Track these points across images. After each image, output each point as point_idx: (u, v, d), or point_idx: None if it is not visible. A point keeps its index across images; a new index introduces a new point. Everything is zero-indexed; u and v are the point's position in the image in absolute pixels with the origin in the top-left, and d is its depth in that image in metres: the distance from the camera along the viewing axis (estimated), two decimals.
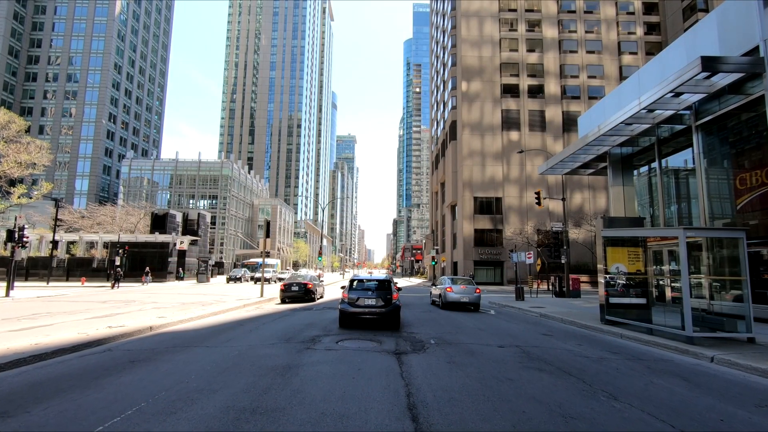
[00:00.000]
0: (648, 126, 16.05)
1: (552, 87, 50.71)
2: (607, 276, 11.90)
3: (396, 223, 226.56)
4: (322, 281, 24.29)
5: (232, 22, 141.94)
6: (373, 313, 10.79)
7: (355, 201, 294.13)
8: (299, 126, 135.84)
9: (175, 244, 44.96)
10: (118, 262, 37.77)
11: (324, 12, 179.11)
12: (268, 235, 21.90)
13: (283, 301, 19.79)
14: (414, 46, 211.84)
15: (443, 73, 62.17)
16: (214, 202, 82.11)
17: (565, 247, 24.18)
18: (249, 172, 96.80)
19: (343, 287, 12.34)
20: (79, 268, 43.12)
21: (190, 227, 52.54)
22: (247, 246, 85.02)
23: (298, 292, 19.67)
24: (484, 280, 47.32)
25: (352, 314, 10.81)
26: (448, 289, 17.40)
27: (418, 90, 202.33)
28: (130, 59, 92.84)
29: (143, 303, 17.40)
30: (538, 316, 15.37)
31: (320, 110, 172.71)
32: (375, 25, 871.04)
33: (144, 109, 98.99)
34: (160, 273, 43.16)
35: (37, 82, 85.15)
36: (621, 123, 15.51)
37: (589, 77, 50.99)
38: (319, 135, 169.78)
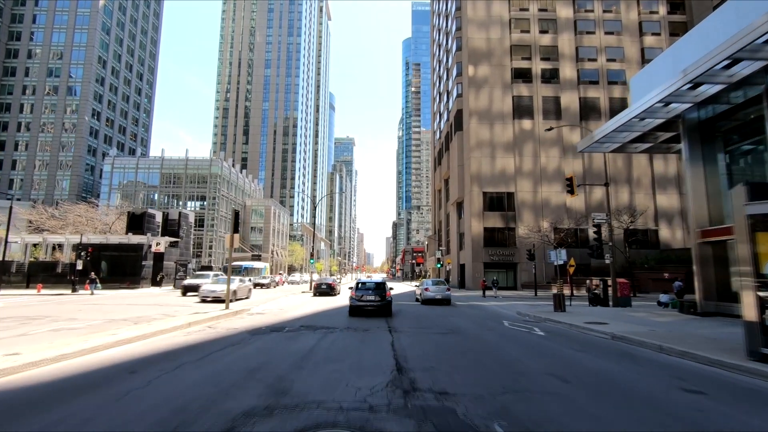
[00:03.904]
0: (760, 66, 11.34)
1: (567, 71, 46.14)
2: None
3: (395, 225, 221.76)
4: (340, 282, 31.76)
5: (226, 19, 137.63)
6: (373, 305, 15.22)
7: (354, 204, 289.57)
8: (295, 126, 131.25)
9: (150, 246, 40.18)
10: (80, 266, 33.01)
11: (321, 11, 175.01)
12: (236, 230, 17.15)
13: (315, 295, 27.55)
14: (413, 45, 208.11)
15: (447, 61, 57.64)
16: (203, 203, 77.28)
17: (609, 244, 19.42)
18: (241, 172, 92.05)
19: (350, 288, 16.93)
20: (41, 273, 38.32)
21: (171, 228, 47.71)
22: (239, 249, 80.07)
23: (326, 289, 27.65)
24: None
25: (359, 306, 15.21)
26: (426, 289, 22.31)
27: (416, 89, 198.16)
28: (116, 53, 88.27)
29: (55, 320, 12.64)
30: (608, 338, 10.60)
31: (317, 110, 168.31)
32: (373, 26, 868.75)
33: (131, 106, 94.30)
34: (132, 278, 38.51)
35: (17, 76, 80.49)
36: (725, 59, 10.81)
37: (608, 60, 46.45)
38: (316, 136, 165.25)
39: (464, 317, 15.53)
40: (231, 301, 17.29)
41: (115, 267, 39.11)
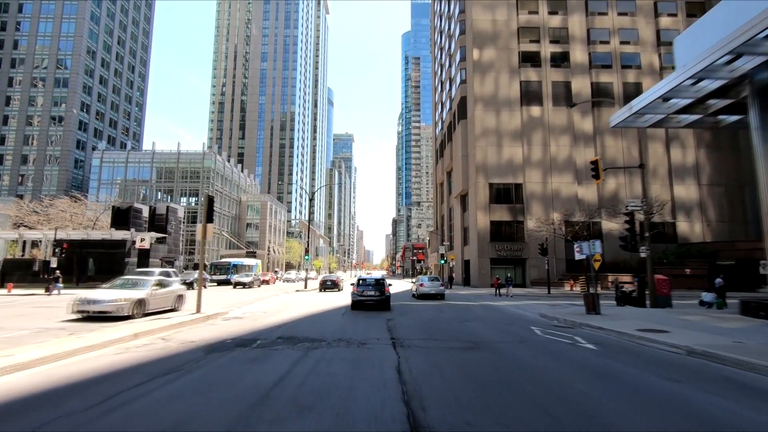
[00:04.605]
0: None
1: (578, 55, 43.36)
2: None
3: (395, 222, 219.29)
4: (342, 279, 34.89)
5: (221, 11, 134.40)
6: (373, 300, 16.32)
7: (354, 201, 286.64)
8: (293, 120, 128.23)
9: (133, 242, 37.55)
10: (54, 264, 30.38)
11: (318, 3, 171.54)
12: (210, 220, 14.50)
13: (321, 291, 30.16)
14: (413, 38, 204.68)
15: (449, 47, 54.85)
16: (197, 199, 74.38)
17: (646, 234, 16.77)
18: (236, 166, 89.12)
19: (352, 284, 18.09)
20: (17, 272, 35.69)
21: (158, 223, 45.02)
22: (234, 246, 77.43)
23: (331, 285, 30.54)
24: (502, 282, 39.83)
25: (360, 301, 16.33)
26: (421, 285, 23.33)
27: (416, 84, 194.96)
28: (106, 44, 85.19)
29: None
30: (683, 354, 7.98)
31: (315, 105, 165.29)
32: (372, 21, 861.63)
33: (123, 99, 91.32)
34: (98, 276, 35.94)
35: (2, 68, 77.47)
36: None
37: (622, 43, 43.65)
38: (314, 131, 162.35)
39: (482, 322, 12.91)
40: (131, 316, 12.26)
41: (96, 265, 36.63)
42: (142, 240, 38.33)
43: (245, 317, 13.83)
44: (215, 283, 37.87)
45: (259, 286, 37.13)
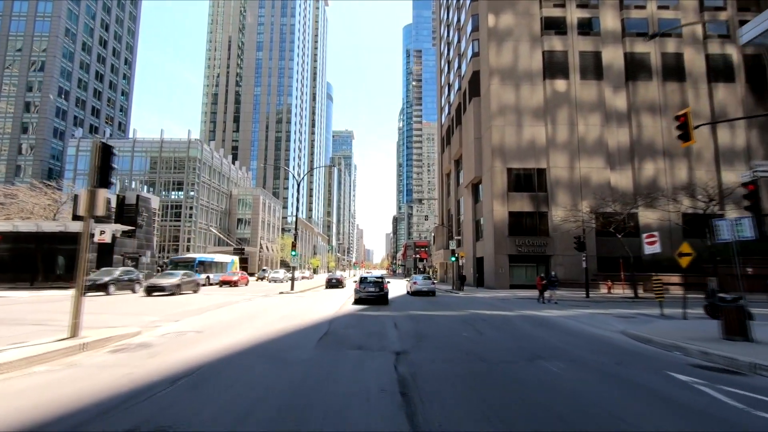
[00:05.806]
0: None
1: (609, 21, 37.67)
2: None
3: (396, 220, 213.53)
4: (345, 277, 39.19)
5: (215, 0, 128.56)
6: (373, 296, 18.41)
7: (353, 199, 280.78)
8: (289, 113, 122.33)
9: (92, 235, 31.76)
10: None
11: None
12: (105, 183, 8.87)
13: (327, 288, 32.87)
14: (414, 31, 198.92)
15: (458, 20, 49.14)
16: (183, 192, 68.55)
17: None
18: (226, 158, 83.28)
19: (355, 281, 22.50)
20: None
21: (127, 214, 39.30)
22: (223, 243, 71.76)
23: (335, 283, 33.72)
24: (523, 282, 34.30)
25: (362, 297, 18.28)
26: (414, 283, 26.08)
27: (417, 78, 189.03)
28: (88, 26, 79.37)
29: None
30: None
31: (314, 99, 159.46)
32: (372, 15, 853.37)
33: (106, 86, 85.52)
34: (68, 275, 30.37)
35: None
36: None
37: (660, 7, 37.93)
38: (312, 126, 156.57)
39: (568, 359, 7.22)
40: None
41: (42, 260, 31.11)
42: (102, 233, 32.55)
43: (157, 344, 8.18)
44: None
45: (195, 291, 25.67)
